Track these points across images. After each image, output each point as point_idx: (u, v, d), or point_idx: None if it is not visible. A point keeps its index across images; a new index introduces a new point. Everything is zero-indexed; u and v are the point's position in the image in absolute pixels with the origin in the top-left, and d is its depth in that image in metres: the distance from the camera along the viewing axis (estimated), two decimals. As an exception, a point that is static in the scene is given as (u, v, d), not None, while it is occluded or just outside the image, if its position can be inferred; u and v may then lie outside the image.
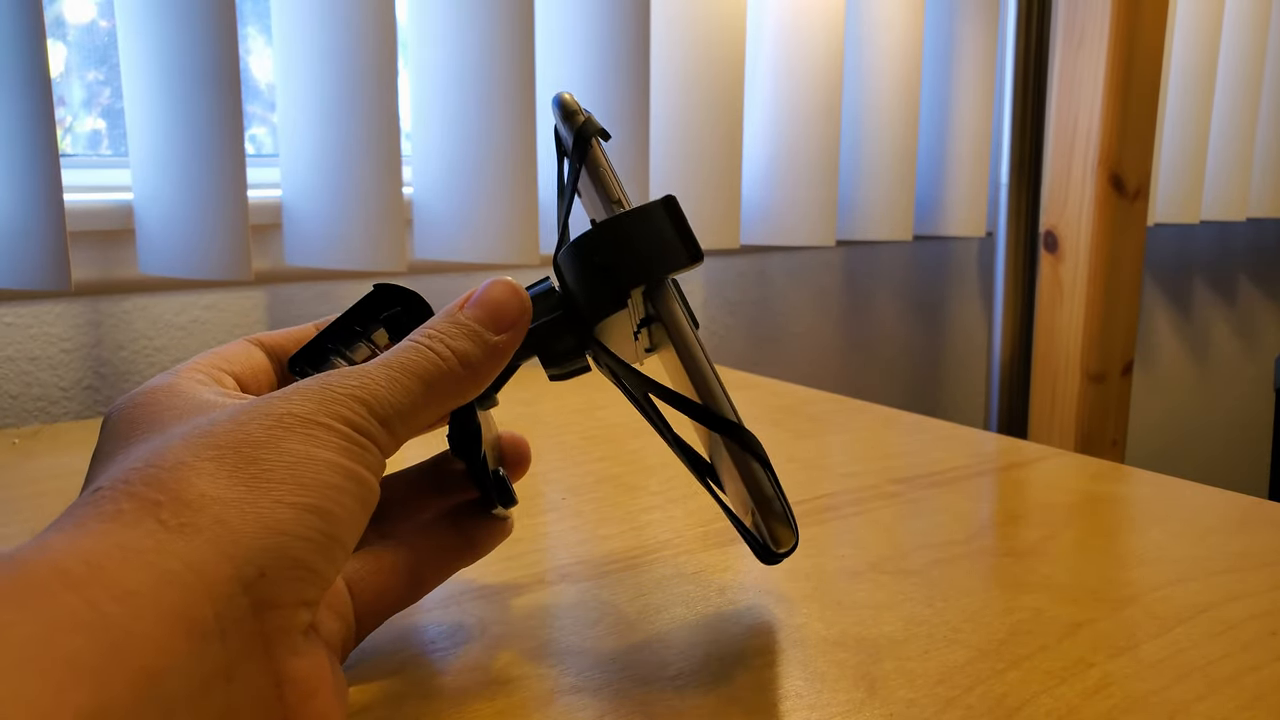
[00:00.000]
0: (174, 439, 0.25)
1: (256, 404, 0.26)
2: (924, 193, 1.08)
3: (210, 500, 0.23)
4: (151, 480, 0.24)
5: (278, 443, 0.25)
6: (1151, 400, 1.49)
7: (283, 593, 0.24)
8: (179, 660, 0.21)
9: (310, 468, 0.25)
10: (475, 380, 0.29)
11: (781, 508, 0.29)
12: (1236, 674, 0.32)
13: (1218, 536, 0.44)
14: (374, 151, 0.71)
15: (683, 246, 0.30)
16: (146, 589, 0.21)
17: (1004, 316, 1.08)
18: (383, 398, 0.27)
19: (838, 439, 0.61)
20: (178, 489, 0.24)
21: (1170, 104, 1.25)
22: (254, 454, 0.25)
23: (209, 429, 0.25)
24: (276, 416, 0.26)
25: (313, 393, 0.26)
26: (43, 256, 0.62)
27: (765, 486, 0.29)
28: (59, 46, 0.77)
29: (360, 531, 0.26)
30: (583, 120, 0.33)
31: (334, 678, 0.26)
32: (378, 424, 0.27)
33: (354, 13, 0.70)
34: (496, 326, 0.29)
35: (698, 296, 1.02)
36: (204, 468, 0.24)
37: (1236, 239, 1.57)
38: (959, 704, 0.30)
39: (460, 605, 0.37)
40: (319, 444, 0.25)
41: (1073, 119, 1.01)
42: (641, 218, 0.31)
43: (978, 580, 0.39)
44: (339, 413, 0.26)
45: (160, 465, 0.24)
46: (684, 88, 0.86)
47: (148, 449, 0.25)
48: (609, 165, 0.33)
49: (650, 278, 0.31)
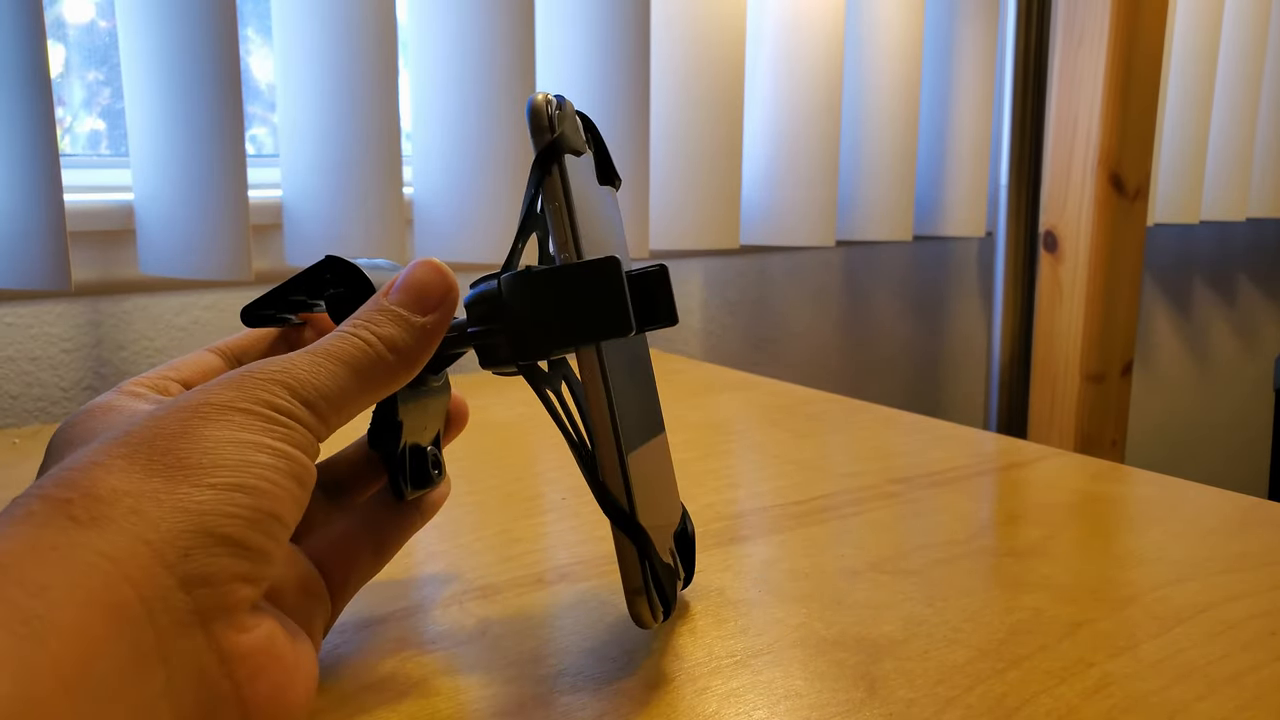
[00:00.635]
0: (90, 445, 0.26)
1: (176, 400, 0.27)
2: (924, 193, 1.08)
3: (122, 494, 0.24)
4: (62, 481, 0.24)
5: (194, 431, 0.25)
6: (1151, 400, 1.49)
7: (215, 570, 0.24)
8: (105, 645, 0.22)
9: (231, 449, 0.25)
10: (405, 364, 0.29)
11: (647, 592, 0.30)
12: (1236, 674, 0.32)
13: (1217, 536, 0.44)
14: (374, 151, 0.71)
15: (616, 317, 0.29)
16: (60, 580, 0.22)
17: (1004, 316, 1.08)
18: (305, 380, 0.27)
19: (837, 439, 0.61)
20: (88, 486, 0.24)
21: (1170, 104, 1.25)
22: (169, 445, 0.25)
23: (124, 431, 0.26)
24: (193, 408, 0.26)
25: (233, 381, 0.27)
26: (43, 257, 0.62)
27: (636, 573, 0.30)
28: (59, 47, 0.77)
29: (300, 507, 0.26)
30: (549, 140, 0.30)
31: (293, 653, 0.26)
32: (300, 404, 0.27)
33: (354, 13, 0.70)
34: (422, 308, 0.29)
35: (698, 297, 1.02)
36: (115, 464, 0.24)
37: (1236, 239, 1.57)
38: (959, 704, 0.30)
39: (460, 605, 0.37)
40: (239, 427, 0.26)
41: (1072, 119, 1.01)
42: (580, 279, 0.29)
43: (977, 580, 0.39)
44: (259, 396, 0.26)
45: (73, 468, 0.24)
46: (684, 87, 0.86)
47: (66, 460, 0.25)
48: (566, 200, 0.30)
49: (578, 344, 0.30)
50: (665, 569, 0.32)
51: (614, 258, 0.29)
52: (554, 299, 0.30)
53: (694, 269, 1.01)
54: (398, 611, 0.36)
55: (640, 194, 0.81)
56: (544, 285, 0.30)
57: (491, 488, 0.51)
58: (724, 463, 0.56)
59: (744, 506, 0.48)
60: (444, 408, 0.37)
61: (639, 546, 0.30)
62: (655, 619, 0.31)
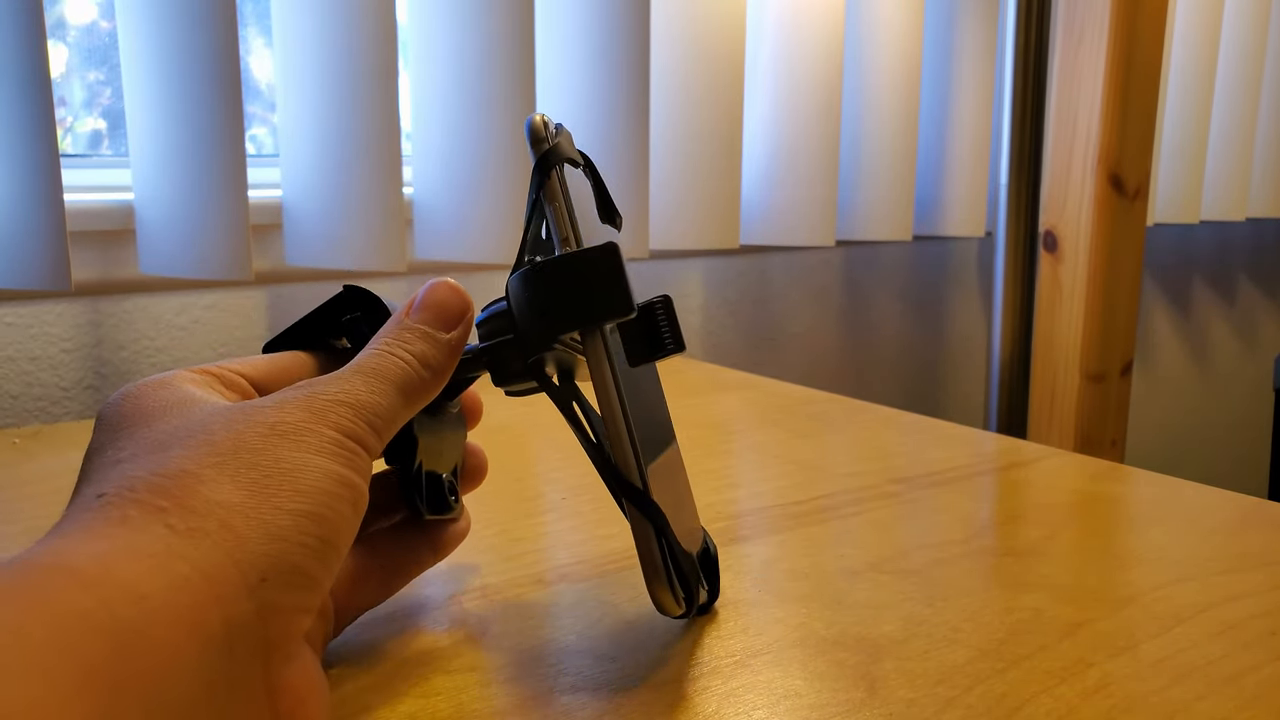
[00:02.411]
0: (174, 446, 0.25)
1: (249, 411, 0.26)
2: (923, 193, 1.08)
3: (215, 505, 0.24)
4: (156, 488, 0.24)
5: (274, 450, 0.25)
6: (1151, 400, 1.49)
7: (284, 599, 0.24)
8: (188, 668, 0.21)
9: (307, 474, 0.25)
10: (437, 379, 0.30)
11: (668, 576, 0.30)
12: (1236, 674, 0.32)
13: (1217, 536, 0.44)
14: (374, 151, 0.71)
15: (616, 299, 0.30)
16: (158, 592, 0.21)
17: (1003, 316, 1.08)
18: (365, 403, 0.28)
19: (837, 439, 0.61)
20: (182, 495, 0.24)
21: (1170, 104, 1.25)
22: (253, 460, 0.25)
23: (208, 437, 0.25)
24: (270, 424, 0.26)
25: (302, 400, 0.27)
26: (43, 256, 0.62)
27: (655, 555, 0.30)
28: (60, 47, 0.77)
29: (353, 536, 0.27)
30: (547, 148, 0.32)
31: (320, 681, 0.26)
32: (366, 428, 0.27)
33: (354, 13, 0.70)
34: (445, 325, 0.31)
35: (698, 297, 1.02)
36: (207, 475, 0.24)
37: (1236, 239, 1.57)
38: (959, 704, 0.30)
39: (460, 605, 0.37)
40: (313, 450, 0.26)
41: (1072, 119, 1.01)
42: (581, 264, 0.31)
43: (977, 580, 0.39)
44: (329, 419, 0.27)
45: (164, 473, 0.24)
46: (684, 87, 0.86)
47: (149, 458, 0.25)
48: (565, 200, 0.32)
49: (580, 326, 0.31)
50: (686, 556, 0.31)
51: (613, 243, 0.30)
52: (558, 287, 0.31)
53: (694, 269, 1.01)
54: (398, 611, 0.36)
55: (640, 194, 0.81)
56: (548, 274, 0.31)
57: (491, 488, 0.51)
58: (724, 463, 0.56)
59: (744, 506, 0.48)
60: (460, 440, 0.38)
61: (655, 524, 0.30)
62: (680, 606, 0.31)
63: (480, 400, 0.39)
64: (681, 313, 1.01)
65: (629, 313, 0.30)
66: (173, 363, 0.76)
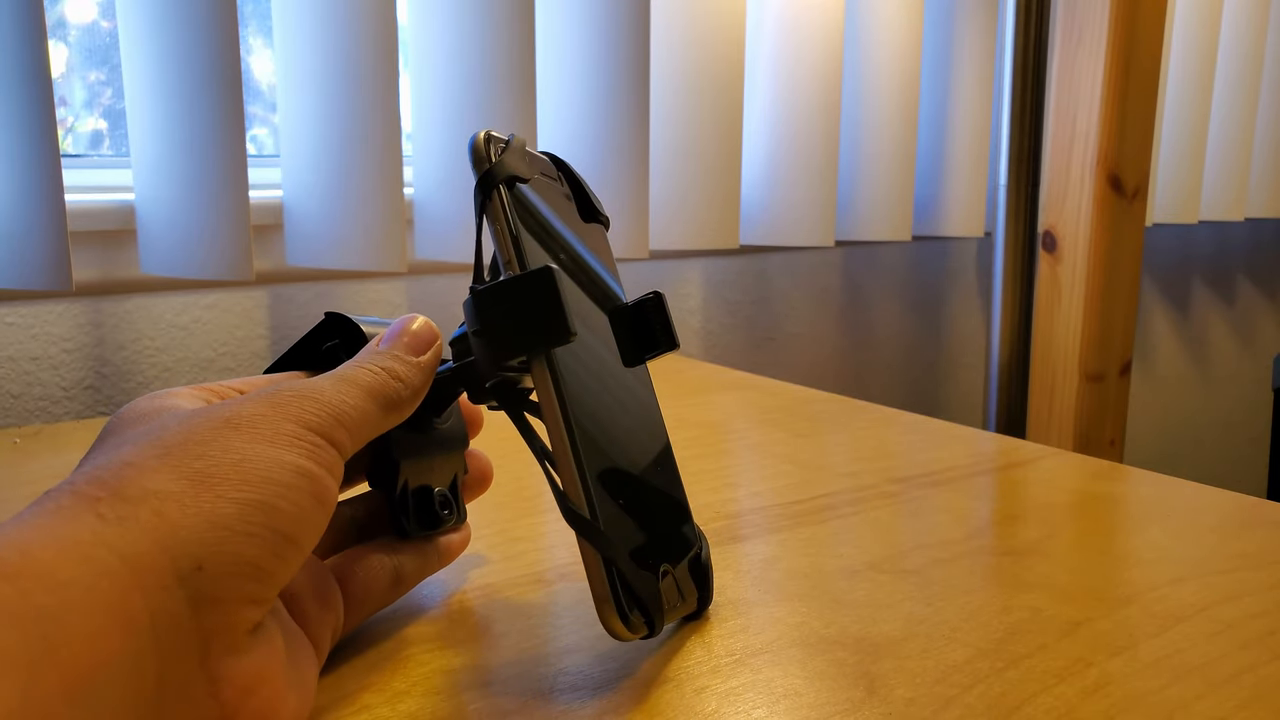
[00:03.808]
0: (125, 442, 0.26)
1: (210, 409, 0.27)
2: (923, 193, 1.08)
3: (150, 494, 0.24)
4: (94, 478, 0.24)
5: (224, 440, 0.25)
6: (1150, 400, 1.49)
7: (224, 589, 0.24)
8: (113, 659, 0.21)
9: (258, 464, 0.25)
10: (410, 392, 0.31)
11: (616, 603, 0.30)
12: (1235, 673, 0.32)
13: (1216, 536, 0.44)
14: (374, 151, 0.71)
15: (552, 324, 0.30)
16: (80, 580, 0.21)
17: (1002, 316, 1.08)
18: (331, 400, 0.28)
19: (837, 438, 0.61)
20: (118, 485, 0.24)
21: (1169, 104, 1.25)
22: (200, 451, 0.25)
23: (159, 432, 0.26)
24: (224, 418, 0.26)
25: (263, 397, 0.27)
26: (44, 257, 0.62)
27: (603, 582, 0.30)
28: (60, 47, 0.77)
29: (319, 530, 0.26)
30: (487, 167, 0.32)
31: (286, 673, 0.26)
32: (330, 422, 0.27)
33: (354, 13, 0.70)
34: (415, 352, 0.32)
35: (698, 297, 1.02)
36: (147, 464, 0.24)
37: (1235, 239, 1.58)
38: (958, 703, 0.30)
39: (460, 605, 0.37)
40: (267, 441, 0.26)
41: (1071, 119, 1.01)
42: (515, 289, 0.30)
43: (976, 579, 0.39)
44: (290, 412, 0.27)
45: (105, 465, 0.24)
46: (684, 87, 0.86)
47: (102, 456, 0.25)
48: (508, 220, 0.31)
49: (517, 353, 0.30)
50: (642, 578, 0.31)
51: (548, 266, 0.30)
52: (494, 314, 0.30)
53: (694, 269, 1.01)
54: (398, 611, 0.36)
55: (640, 194, 0.81)
56: (483, 300, 0.30)
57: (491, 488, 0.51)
58: (724, 462, 0.56)
59: (743, 506, 0.48)
60: (457, 454, 0.38)
61: (601, 551, 0.30)
62: (632, 630, 0.30)
63: (480, 412, 0.39)
64: (681, 313, 1.01)
65: (566, 338, 0.30)
66: (173, 363, 0.76)
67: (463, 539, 0.38)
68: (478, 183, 0.32)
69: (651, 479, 0.35)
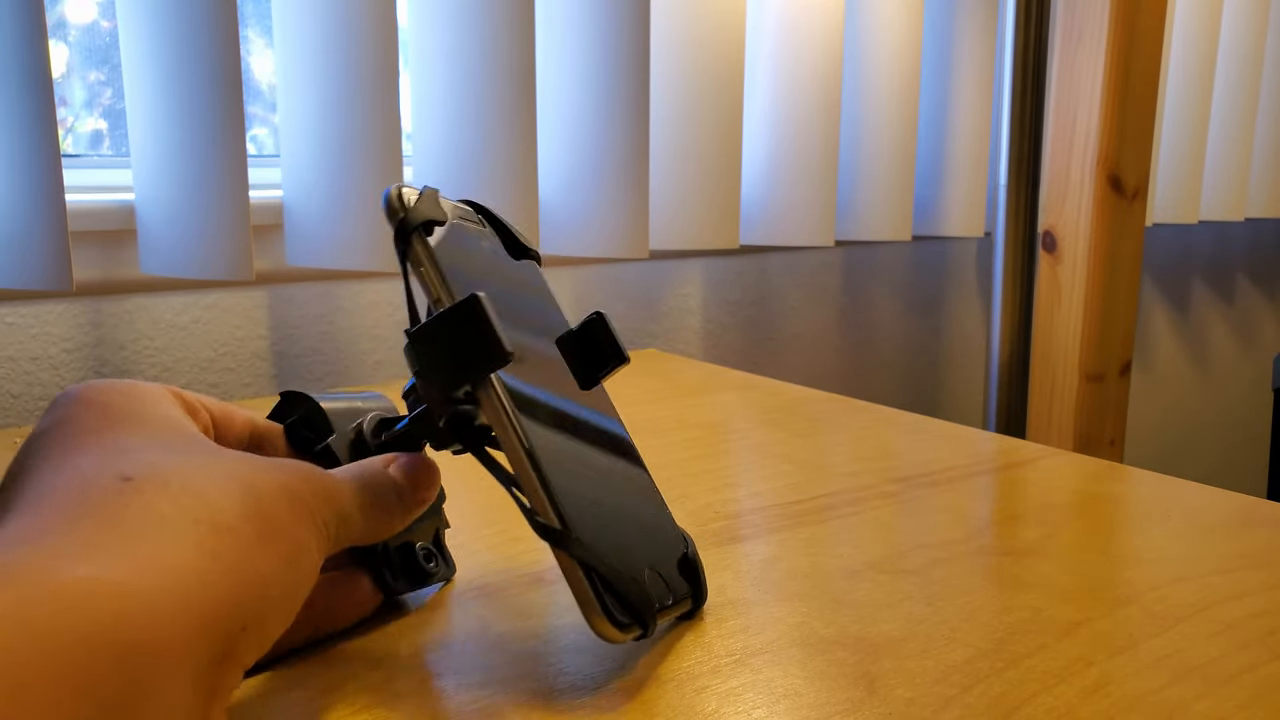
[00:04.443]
0: (199, 475, 0.25)
1: (262, 471, 0.26)
2: (923, 193, 1.08)
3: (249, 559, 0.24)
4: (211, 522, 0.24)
5: (275, 515, 0.25)
6: (1150, 400, 1.49)
7: (247, 652, 0.24)
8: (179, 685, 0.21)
9: (292, 546, 0.25)
10: (404, 513, 0.32)
11: (603, 608, 0.30)
12: (1235, 673, 0.32)
13: (1216, 536, 0.44)
14: (374, 152, 0.71)
15: (488, 349, 0.30)
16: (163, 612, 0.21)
17: (1002, 316, 1.08)
18: (342, 495, 0.29)
19: (837, 438, 0.61)
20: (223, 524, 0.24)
21: (1169, 104, 1.25)
22: (265, 527, 0.25)
23: (240, 495, 0.25)
24: (282, 485, 0.26)
25: (299, 473, 0.27)
26: (44, 257, 0.62)
27: (586, 590, 0.30)
28: (61, 47, 0.77)
29: (295, 611, 0.26)
30: (401, 217, 0.32)
31: None
32: (337, 521, 0.28)
33: (354, 13, 0.70)
34: (415, 487, 0.32)
35: (698, 297, 1.02)
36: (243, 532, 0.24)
37: (1235, 239, 1.58)
38: (958, 703, 0.30)
39: (460, 605, 0.37)
40: (302, 524, 0.26)
41: (1071, 119, 1.01)
42: (446, 323, 0.30)
43: (976, 579, 0.39)
44: (312, 503, 0.27)
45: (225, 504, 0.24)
46: (683, 87, 0.86)
47: (189, 467, 0.25)
48: (431, 261, 0.32)
49: (458, 386, 0.31)
50: (629, 581, 0.31)
51: (474, 294, 0.30)
52: (436, 350, 0.30)
53: (694, 269, 1.01)
54: (398, 612, 0.36)
55: (640, 194, 0.81)
56: (418, 341, 0.31)
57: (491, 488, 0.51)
58: (724, 462, 0.56)
59: (743, 506, 0.48)
60: (434, 509, 0.38)
61: (578, 558, 0.30)
62: (623, 631, 0.30)
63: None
64: (681, 313, 1.01)
65: (504, 360, 0.30)
66: (173, 363, 0.76)
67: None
68: (395, 233, 0.32)
69: (622, 487, 0.35)
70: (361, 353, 0.83)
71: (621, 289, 0.97)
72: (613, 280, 0.96)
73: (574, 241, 0.84)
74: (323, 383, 0.82)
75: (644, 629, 0.31)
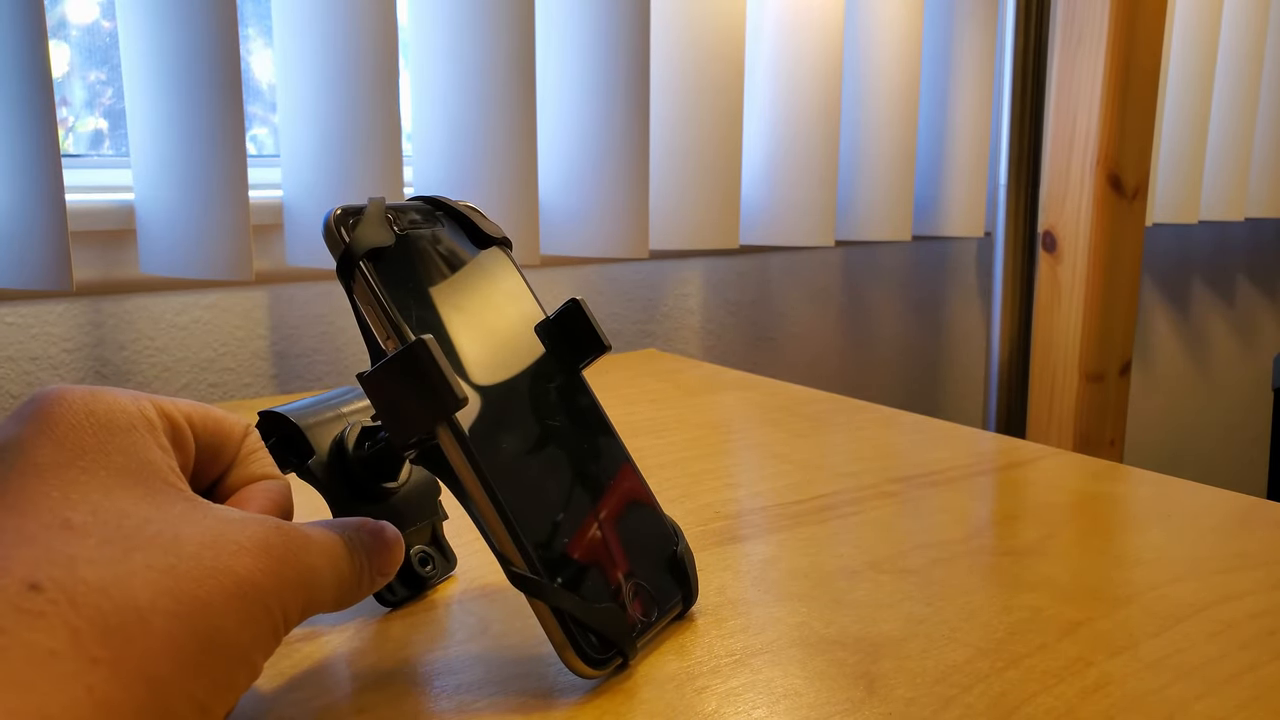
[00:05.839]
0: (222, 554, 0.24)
1: (225, 558, 0.24)
2: (923, 193, 1.08)
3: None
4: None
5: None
6: (1150, 400, 1.49)
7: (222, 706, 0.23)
8: None
9: (225, 671, 0.24)
10: (370, 590, 0.29)
11: (574, 645, 0.30)
12: (1235, 673, 0.32)
13: (1216, 536, 0.44)
14: (374, 151, 0.71)
15: (436, 398, 0.28)
16: None
17: (1002, 316, 1.08)
18: (322, 587, 0.27)
19: (837, 438, 0.61)
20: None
21: (1169, 104, 1.25)
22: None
23: (246, 573, 0.24)
24: (240, 581, 0.24)
25: (278, 555, 0.26)
26: (44, 256, 0.62)
27: (556, 630, 0.30)
28: (62, 47, 0.77)
29: None
30: (343, 248, 0.30)
31: None
32: (302, 610, 0.26)
33: (354, 13, 0.70)
34: (382, 569, 0.30)
35: (698, 297, 1.02)
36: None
37: (1235, 239, 1.58)
38: (958, 703, 0.30)
39: (460, 605, 0.37)
40: (248, 632, 0.24)
41: (1071, 119, 1.01)
42: (390, 373, 0.29)
43: (976, 579, 0.39)
44: (275, 600, 0.25)
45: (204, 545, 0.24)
46: (683, 88, 0.86)
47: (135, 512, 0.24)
48: (377, 296, 0.30)
49: (410, 435, 0.29)
50: (600, 612, 0.30)
51: (419, 340, 0.28)
52: (389, 396, 0.29)
53: (694, 269, 1.01)
54: (398, 610, 0.36)
55: (640, 194, 0.81)
56: (374, 387, 0.29)
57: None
58: (724, 462, 0.56)
59: (743, 506, 0.48)
60: (428, 508, 0.38)
61: (550, 604, 0.30)
62: (599, 668, 0.30)
63: None
64: (681, 313, 1.01)
65: (456, 406, 0.28)
66: (173, 363, 0.76)
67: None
68: (337, 266, 0.30)
69: (601, 493, 0.34)
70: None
71: (621, 289, 0.97)
72: (613, 280, 0.96)
73: (574, 241, 0.84)
74: (323, 383, 0.82)
75: (624, 661, 0.31)
